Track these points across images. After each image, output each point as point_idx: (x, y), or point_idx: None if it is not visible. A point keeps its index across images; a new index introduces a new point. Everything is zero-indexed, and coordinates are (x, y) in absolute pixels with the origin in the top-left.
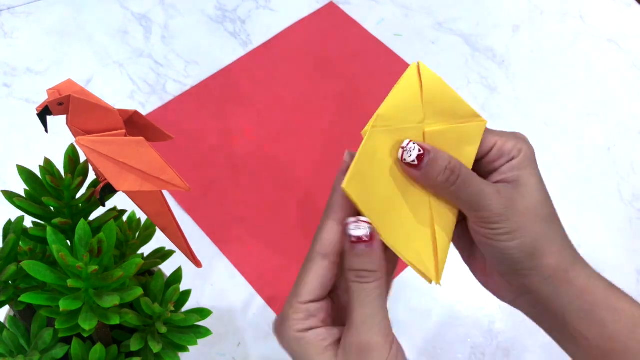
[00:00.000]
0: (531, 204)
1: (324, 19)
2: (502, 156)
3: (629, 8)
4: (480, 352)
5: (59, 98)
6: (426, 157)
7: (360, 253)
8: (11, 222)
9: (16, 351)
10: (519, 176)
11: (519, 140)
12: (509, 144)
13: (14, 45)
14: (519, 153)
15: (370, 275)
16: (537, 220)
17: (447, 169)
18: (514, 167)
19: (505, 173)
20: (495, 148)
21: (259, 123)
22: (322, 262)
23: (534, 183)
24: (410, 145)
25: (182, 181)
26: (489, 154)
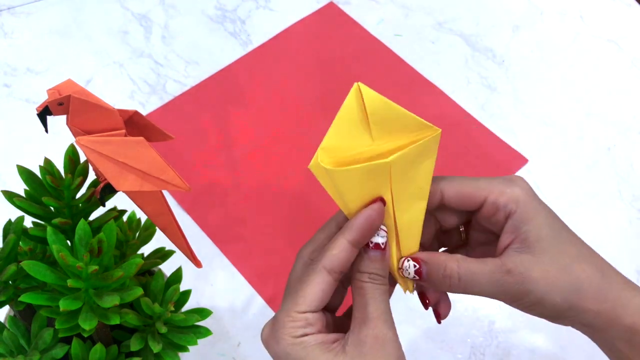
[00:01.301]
0: (549, 261)
1: (324, 19)
2: (498, 210)
3: (629, 8)
4: (480, 352)
5: (59, 98)
6: (423, 270)
7: (374, 258)
8: (11, 222)
9: (16, 351)
10: (527, 232)
11: (513, 188)
12: (502, 198)
13: (14, 45)
14: (516, 205)
15: (379, 278)
16: (561, 275)
17: (445, 277)
18: (519, 223)
19: (512, 232)
20: (487, 203)
21: (259, 123)
22: (327, 276)
23: (545, 236)
24: (406, 264)
25: (182, 181)
26: (481, 210)
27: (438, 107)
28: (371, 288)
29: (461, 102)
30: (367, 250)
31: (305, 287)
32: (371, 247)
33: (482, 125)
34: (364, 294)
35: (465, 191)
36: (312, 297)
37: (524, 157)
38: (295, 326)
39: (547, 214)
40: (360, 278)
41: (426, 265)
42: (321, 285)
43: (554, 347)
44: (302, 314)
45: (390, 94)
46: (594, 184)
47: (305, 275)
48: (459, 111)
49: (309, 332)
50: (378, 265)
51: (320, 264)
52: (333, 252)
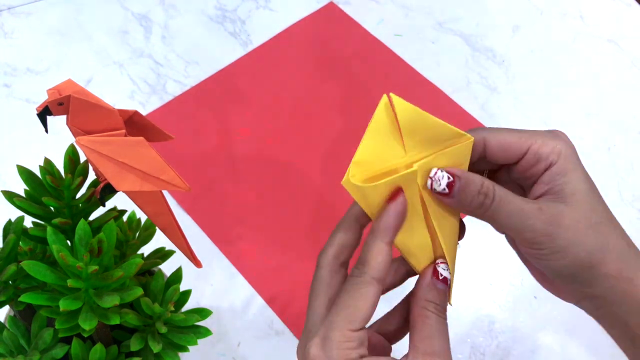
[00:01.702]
0: (580, 214)
1: (324, 19)
2: (539, 161)
3: (629, 8)
4: (480, 352)
5: (59, 98)
6: (457, 184)
7: (442, 290)
8: (11, 222)
9: (16, 351)
10: (564, 184)
11: (557, 141)
12: (546, 147)
13: (14, 45)
14: (557, 157)
15: (444, 312)
16: (590, 231)
17: (480, 193)
18: (556, 175)
19: (547, 183)
20: (530, 152)
21: (259, 123)
22: (376, 287)
23: (581, 189)
24: (439, 174)
25: (182, 181)
26: (524, 159)
27: (438, 107)
28: (438, 321)
29: (461, 102)
30: (436, 282)
31: (357, 301)
32: (440, 279)
33: (483, 125)
34: (430, 324)
35: (509, 140)
36: (366, 312)
37: None
38: (351, 347)
39: (585, 172)
40: (427, 307)
41: (460, 180)
42: (374, 299)
43: (554, 347)
44: (357, 332)
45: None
46: None
47: (354, 288)
48: (459, 111)
49: (363, 353)
50: (443, 298)
51: (369, 275)
52: (378, 259)
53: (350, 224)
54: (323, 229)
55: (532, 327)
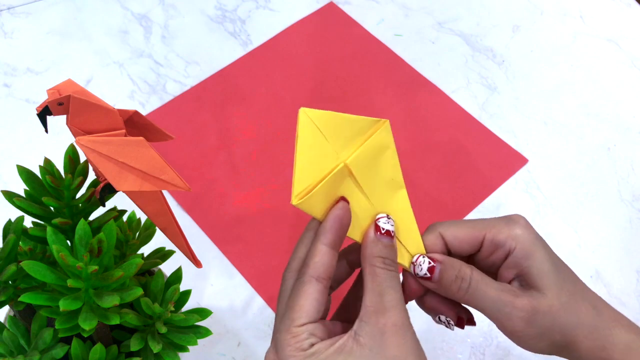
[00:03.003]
0: (552, 298)
1: (324, 19)
2: (497, 249)
3: (629, 8)
4: (480, 352)
5: (59, 98)
6: (437, 268)
7: (387, 244)
8: (11, 222)
9: (16, 351)
10: (529, 268)
11: (512, 226)
12: (501, 235)
13: (14, 45)
14: (515, 242)
15: (394, 265)
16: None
17: (457, 278)
18: (519, 259)
19: (513, 268)
20: (486, 241)
21: (259, 123)
22: (317, 285)
23: (547, 271)
24: (420, 259)
25: (182, 181)
26: (481, 250)
27: (438, 107)
28: (386, 275)
29: (461, 102)
30: (380, 237)
31: (298, 300)
32: (383, 232)
33: (482, 125)
34: (379, 281)
35: (462, 233)
36: (308, 307)
37: (524, 157)
38: (300, 339)
39: (546, 249)
40: (374, 263)
41: (441, 264)
42: (314, 295)
43: None
44: (302, 326)
45: (390, 94)
46: (594, 184)
47: (295, 290)
48: (459, 111)
49: (315, 341)
50: (390, 252)
51: (307, 275)
52: (315, 259)
53: (308, 238)
54: None
55: None
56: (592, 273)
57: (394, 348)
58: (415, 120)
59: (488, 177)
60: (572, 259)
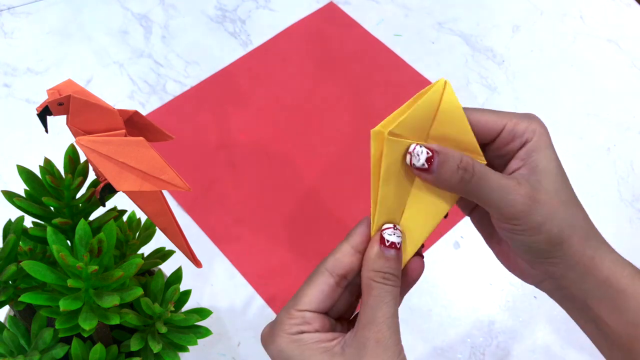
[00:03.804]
0: (553, 191)
1: (324, 19)
2: (515, 139)
3: (629, 8)
4: (480, 352)
5: (59, 98)
6: (435, 159)
7: (390, 257)
8: (11, 222)
9: (16, 351)
10: (537, 161)
11: (532, 121)
12: (521, 125)
13: (14, 45)
14: (533, 134)
15: (393, 279)
16: (561, 208)
17: (460, 168)
18: (531, 151)
19: (522, 159)
20: (505, 130)
21: (259, 123)
22: (328, 278)
23: (553, 168)
24: (417, 149)
25: (182, 181)
26: (499, 136)
27: None
28: (382, 289)
29: (461, 102)
30: (385, 250)
31: (306, 288)
32: (387, 245)
33: None
34: (374, 295)
35: (486, 119)
36: (311, 296)
37: None
38: (292, 323)
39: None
40: (372, 277)
41: (439, 155)
42: (321, 286)
43: (554, 348)
44: (300, 312)
45: (390, 93)
46: (594, 184)
47: (309, 278)
48: None
49: (305, 329)
50: (392, 265)
51: (323, 267)
52: (337, 255)
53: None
54: (323, 229)
55: (532, 327)
56: None
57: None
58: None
59: None
60: None
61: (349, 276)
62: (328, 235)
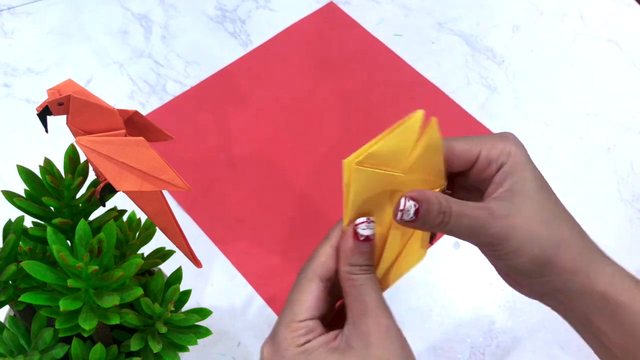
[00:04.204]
0: (530, 212)
1: (324, 19)
2: (491, 164)
3: (629, 8)
4: (480, 352)
5: (59, 98)
6: (421, 210)
7: (364, 250)
8: (11, 222)
9: (16, 351)
10: (513, 184)
11: (506, 143)
12: (495, 150)
13: (14, 45)
14: (507, 157)
15: (371, 269)
16: (542, 228)
17: (440, 213)
18: (506, 174)
19: (499, 183)
20: (481, 157)
21: (259, 123)
22: (320, 284)
23: (530, 188)
24: (408, 205)
25: (182, 181)
26: (476, 164)
27: (438, 107)
28: (365, 279)
29: (461, 102)
30: (359, 244)
31: (299, 296)
32: (361, 239)
33: (482, 125)
34: (358, 284)
35: (459, 149)
36: (309, 304)
37: None
38: (297, 335)
39: (535, 171)
40: (352, 271)
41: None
42: (314, 292)
43: (554, 348)
44: (303, 322)
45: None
46: (594, 184)
47: (299, 285)
48: (459, 111)
49: (312, 337)
50: (367, 257)
51: (311, 272)
52: (321, 259)
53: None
54: (323, 229)
55: (532, 327)
56: None
57: (380, 349)
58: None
59: None
60: None
61: (332, 278)
62: None
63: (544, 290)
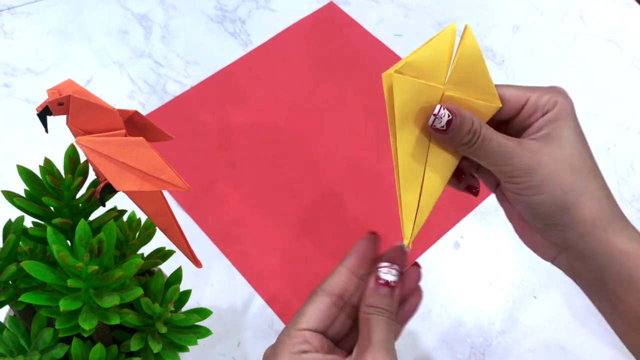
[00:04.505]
0: (560, 155)
1: (324, 19)
2: (537, 111)
3: (629, 8)
4: (480, 352)
5: (59, 98)
6: (453, 122)
7: (384, 294)
8: (11, 222)
9: (16, 351)
10: (552, 129)
11: (555, 93)
12: (544, 98)
13: (14, 45)
14: (553, 106)
15: (387, 313)
16: (568, 173)
17: (470, 132)
18: (548, 121)
19: (539, 127)
20: (529, 103)
21: (259, 123)
22: (325, 298)
23: (567, 135)
24: (442, 112)
25: (182, 181)
26: (523, 110)
27: None
28: (377, 319)
29: None
30: (379, 287)
31: (304, 307)
32: (381, 283)
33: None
34: (369, 324)
35: (510, 93)
36: (310, 315)
37: None
38: (293, 342)
39: (576, 123)
40: (367, 311)
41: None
42: (318, 305)
43: (554, 348)
44: (300, 331)
45: None
46: None
47: (307, 300)
48: None
49: (306, 349)
50: (387, 302)
51: (319, 288)
52: (333, 277)
53: None
54: (323, 228)
55: (532, 327)
56: None
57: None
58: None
59: None
60: None
61: (344, 296)
62: (328, 235)
63: (558, 243)
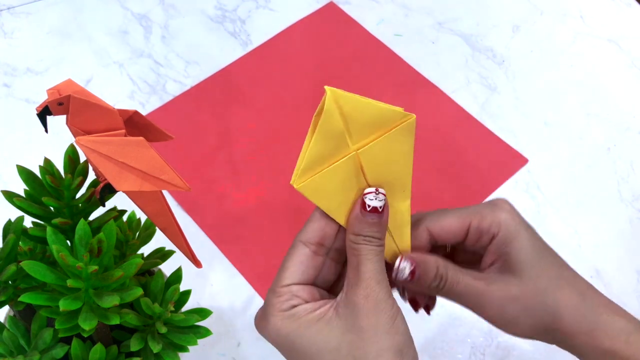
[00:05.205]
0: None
1: (324, 19)
2: (482, 235)
3: (629, 8)
4: (480, 352)
5: (58, 98)
6: (416, 272)
7: (372, 222)
8: (11, 222)
9: (16, 351)
10: (508, 254)
11: (496, 212)
12: (484, 222)
13: (14, 45)
14: (498, 228)
15: (377, 241)
16: (538, 298)
17: (436, 277)
18: (500, 245)
19: (494, 253)
20: (471, 229)
21: (259, 123)
22: (303, 249)
23: (525, 257)
24: (403, 265)
25: (182, 181)
26: (467, 237)
27: (438, 107)
28: (365, 249)
29: (461, 102)
30: (365, 214)
31: (284, 263)
32: (368, 210)
33: (482, 125)
34: (357, 254)
35: (449, 223)
36: (291, 270)
37: (524, 157)
38: (281, 300)
39: (530, 236)
40: (354, 240)
41: (419, 267)
42: (299, 258)
43: (554, 348)
44: (286, 287)
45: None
46: (594, 184)
47: (287, 253)
48: (459, 111)
49: (295, 303)
50: (375, 229)
51: (297, 239)
52: (308, 224)
53: None
54: None
55: None
56: (592, 273)
57: (364, 319)
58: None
59: (488, 177)
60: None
61: (325, 242)
62: None
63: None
